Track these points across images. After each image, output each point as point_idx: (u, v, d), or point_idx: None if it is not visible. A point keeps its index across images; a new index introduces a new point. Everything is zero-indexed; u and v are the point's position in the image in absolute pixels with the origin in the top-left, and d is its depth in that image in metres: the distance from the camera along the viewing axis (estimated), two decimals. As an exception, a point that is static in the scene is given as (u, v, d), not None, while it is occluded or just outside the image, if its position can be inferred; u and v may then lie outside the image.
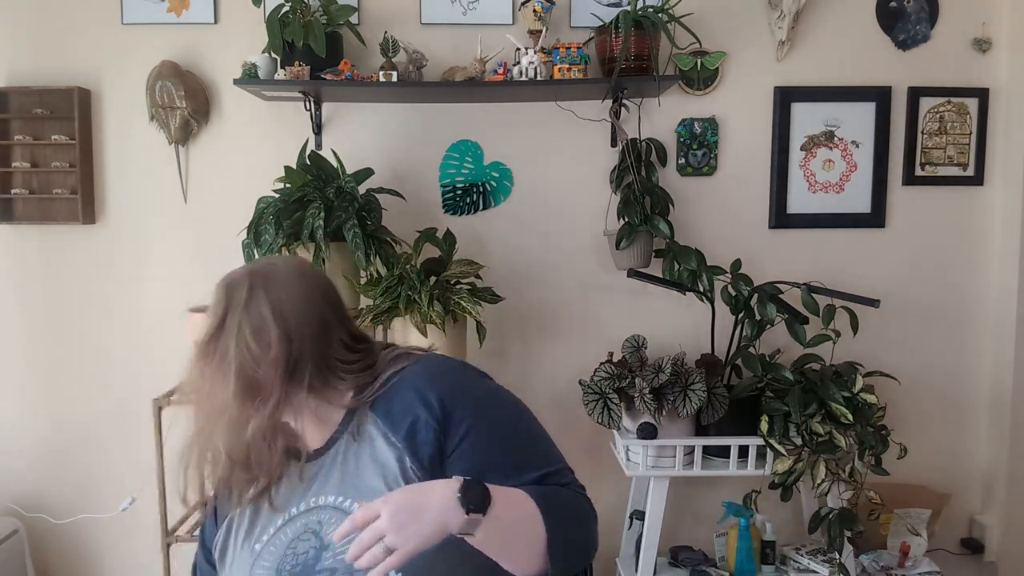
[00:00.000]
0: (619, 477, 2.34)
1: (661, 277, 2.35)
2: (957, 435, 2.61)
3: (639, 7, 2.25)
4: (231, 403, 1.08)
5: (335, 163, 2.26)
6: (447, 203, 2.49)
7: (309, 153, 2.27)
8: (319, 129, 2.43)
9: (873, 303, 2.19)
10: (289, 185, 2.24)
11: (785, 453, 2.10)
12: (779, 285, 2.25)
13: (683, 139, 2.48)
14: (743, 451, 2.18)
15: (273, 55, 2.26)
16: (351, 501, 1.09)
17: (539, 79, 2.24)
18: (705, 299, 2.32)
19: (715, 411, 2.15)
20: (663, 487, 2.21)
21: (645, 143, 2.41)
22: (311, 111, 2.39)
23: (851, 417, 2.07)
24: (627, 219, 2.35)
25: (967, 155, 2.53)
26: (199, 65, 2.42)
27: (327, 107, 2.44)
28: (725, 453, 2.20)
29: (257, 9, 2.29)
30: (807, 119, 2.48)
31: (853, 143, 2.50)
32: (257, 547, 1.13)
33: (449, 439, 1.09)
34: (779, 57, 2.46)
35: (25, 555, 2.44)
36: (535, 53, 2.25)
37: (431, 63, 2.31)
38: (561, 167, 2.48)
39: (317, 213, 2.11)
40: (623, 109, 2.42)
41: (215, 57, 2.42)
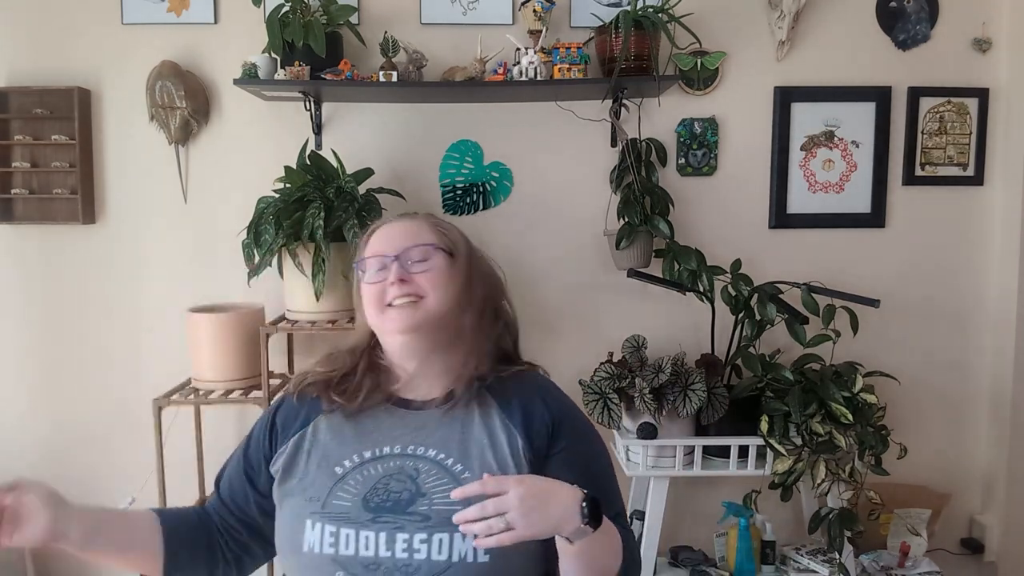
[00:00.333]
0: (619, 477, 2.33)
1: (661, 277, 2.35)
2: (957, 435, 2.61)
3: (639, 7, 2.25)
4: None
5: (335, 163, 2.26)
6: (447, 203, 2.49)
7: (309, 153, 2.27)
8: (319, 129, 2.43)
9: (873, 303, 2.20)
10: (289, 185, 2.24)
11: (785, 453, 2.10)
12: (779, 285, 2.25)
13: (683, 139, 2.48)
14: (743, 451, 2.19)
15: (273, 55, 2.26)
16: (453, 460, 1.14)
17: (539, 79, 2.24)
18: (705, 299, 2.32)
19: (715, 411, 2.15)
20: (663, 487, 2.21)
21: (645, 143, 2.41)
22: (311, 111, 2.39)
23: (851, 417, 2.07)
24: (627, 219, 2.35)
25: (967, 155, 2.53)
26: (199, 65, 2.42)
27: (327, 107, 2.44)
28: (725, 453, 2.19)
29: (257, 9, 2.29)
30: (807, 119, 2.48)
31: (853, 143, 2.50)
32: (338, 470, 1.16)
33: (555, 443, 1.19)
34: (779, 57, 2.46)
35: (25, 555, 2.43)
36: (535, 53, 2.25)
37: (431, 63, 2.31)
38: (561, 167, 2.48)
39: (317, 213, 2.11)
40: (623, 109, 2.42)
41: (215, 57, 2.42)
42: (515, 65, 2.28)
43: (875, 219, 2.53)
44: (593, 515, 1.01)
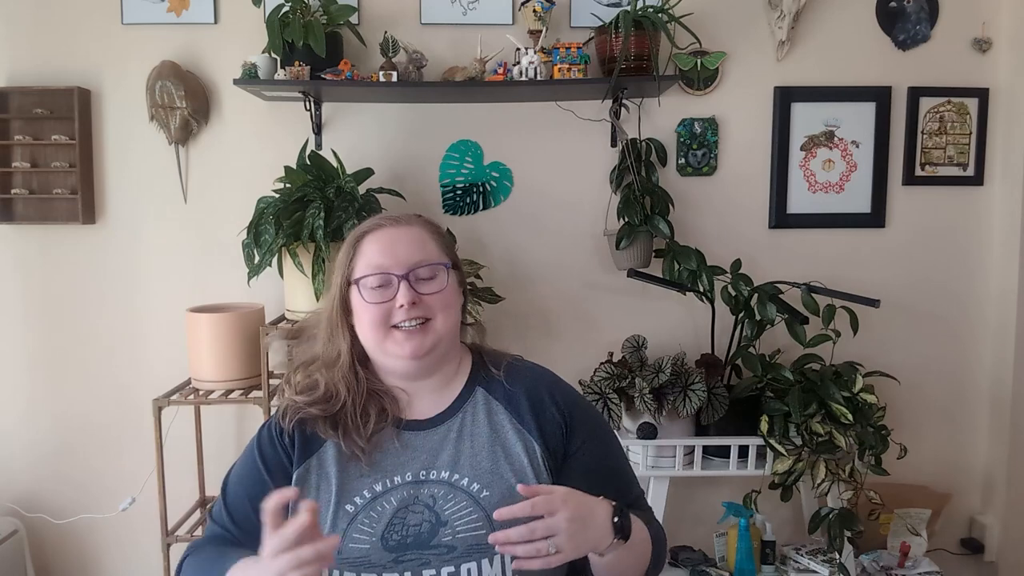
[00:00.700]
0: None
1: (661, 277, 2.35)
2: (957, 435, 2.61)
3: (639, 7, 2.25)
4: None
5: (335, 163, 2.26)
6: (447, 203, 2.49)
7: (309, 153, 2.27)
8: (319, 129, 2.43)
9: (873, 303, 2.19)
10: (289, 185, 2.24)
11: (785, 453, 2.10)
12: (779, 285, 2.25)
13: (683, 139, 2.48)
14: (743, 451, 2.19)
15: (273, 55, 2.26)
16: (468, 479, 1.09)
17: (539, 79, 2.24)
18: (705, 299, 2.32)
19: (715, 411, 2.15)
20: (663, 487, 2.21)
21: (645, 143, 2.41)
22: (311, 111, 2.38)
23: (851, 417, 2.06)
24: (627, 219, 2.35)
25: (967, 155, 2.53)
26: (199, 65, 2.42)
27: (327, 107, 2.44)
28: (725, 453, 2.20)
29: (257, 9, 2.29)
30: (807, 119, 2.48)
31: (853, 143, 2.50)
32: (349, 508, 1.09)
33: (571, 442, 1.15)
34: (779, 57, 2.46)
35: (25, 555, 2.43)
36: (535, 53, 2.25)
37: (431, 63, 2.31)
38: (561, 167, 2.48)
39: (317, 213, 2.10)
40: (623, 109, 2.42)
41: (215, 57, 2.41)
42: (515, 65, 2.28)
43: (875, 219, 2.53)
44: (624, 529, 0.99)
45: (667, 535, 1.22)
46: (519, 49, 2.29)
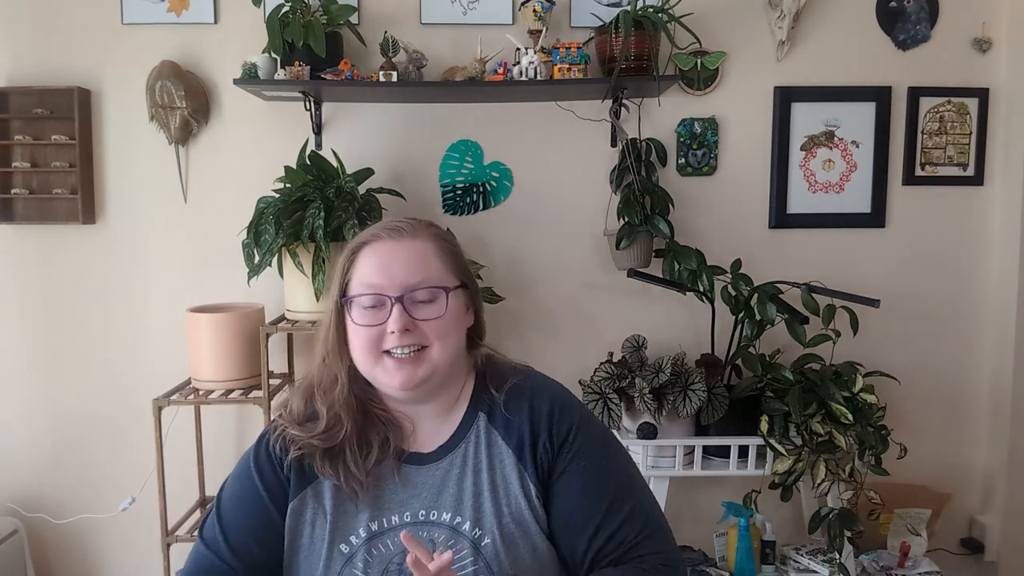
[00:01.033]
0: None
1: (661, 277, 2.35)
2: (957, 435, 2.61)
3: (639, 7, 2.25)
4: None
5: (335, 163, 2.26)
6: (447, 203, 2.49)
7: (309, 153, 2.27)
8: (319, 129, 2.43)
9: (873, 303, 2.19)
10: (289, 185, 2.24)
11: (785, 453, 2.10)
12: (779, 285, 2.25)
13: (683, 139, 2.48)
14: (743, 451, 2.19)
15: (273, 55, 2.26)
16: (470, 524, 1.03)
17: (539, 79, 2.24)
18: (705, 299, 2.32)
19: (715, 411, 2.15)
20: (663, 487, 2.21)
21: (645, 143, 2.41)
22: (311, 111, 2.39)
23: (851, 417, 2.07)
24: (627, 219, 2.35)
25: (967, 155, 2.53)
26: (199, 65, 2.42)
27: (327, 107, 2.44)
28: (725, 453, 2.20)
29: (257, 9, 2.29)
30: (807, 119, 2.48)
31: (853, 143, 2.50)
32: (344, 548, 1.03)
33: (559, 461, 1.06)
34: (779, 57, 2.46)
35: (25, 555, 2.43)
36: (535, 53, 2.25)
37: (431, 63, 2.31)
38: (561, 167, 2.48)
39: (317, 213, 2.11)
40: (623, 109, 2.42)
41: (215, 57, 2.41)
42: (515, 65, 2.28)
43: (875, 219, 2.53)
44: None
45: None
46: (519, 49, 2.29)
